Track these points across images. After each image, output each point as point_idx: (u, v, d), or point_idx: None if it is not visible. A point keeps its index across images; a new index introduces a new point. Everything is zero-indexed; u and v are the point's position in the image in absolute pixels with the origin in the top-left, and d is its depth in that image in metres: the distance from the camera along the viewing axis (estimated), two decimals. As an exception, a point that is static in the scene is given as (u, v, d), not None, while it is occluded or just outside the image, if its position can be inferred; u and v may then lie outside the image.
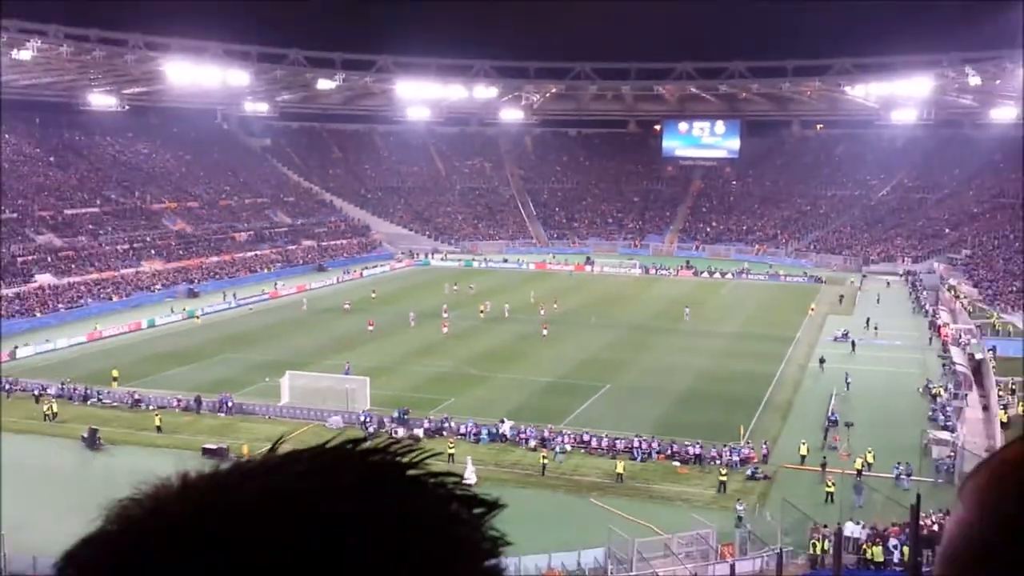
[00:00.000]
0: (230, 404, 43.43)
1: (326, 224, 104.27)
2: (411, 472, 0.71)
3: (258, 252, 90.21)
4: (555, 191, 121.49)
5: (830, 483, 33.95)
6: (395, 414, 41.52)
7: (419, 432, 40.08)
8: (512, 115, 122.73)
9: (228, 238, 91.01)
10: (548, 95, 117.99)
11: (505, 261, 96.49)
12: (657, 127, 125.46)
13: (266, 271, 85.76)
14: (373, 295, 74.08)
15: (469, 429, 40.16)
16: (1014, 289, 73.12)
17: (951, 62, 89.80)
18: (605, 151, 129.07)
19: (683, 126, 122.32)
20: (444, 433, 39.91)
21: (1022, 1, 60.00)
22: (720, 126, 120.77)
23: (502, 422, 40.29)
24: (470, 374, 50.47)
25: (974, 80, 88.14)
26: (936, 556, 0.80)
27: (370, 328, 60.95)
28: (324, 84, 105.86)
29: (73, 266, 73.37)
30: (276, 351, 54.15)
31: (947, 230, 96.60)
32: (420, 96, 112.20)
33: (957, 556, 0.77)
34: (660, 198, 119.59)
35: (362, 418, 41.64)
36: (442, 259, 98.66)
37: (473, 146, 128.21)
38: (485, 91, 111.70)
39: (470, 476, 34.97)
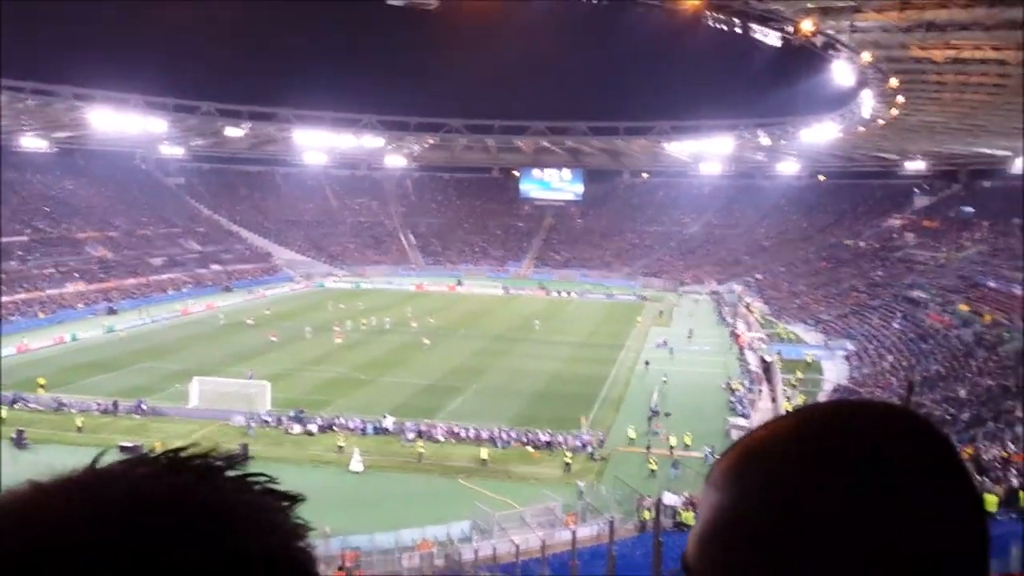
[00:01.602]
0: (144, 407, 41.45)
1: (232, 251, 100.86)
2: (229, 472, 0.70)
3: (171, 275, 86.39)
4: (431, 224, 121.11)
5: (653, 462, 34.89)
6: (291, 413, 40.49)
7: (313, 428, 39.25)
8: (395, 161, 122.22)
9: (144, 263, 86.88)
10: (426, 145, 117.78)
11: (389, 283, 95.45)
12: (516, 173, 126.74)
13: (178, 291, 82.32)
14: (267, 312, 72.04)
15: (356, 425, 39.54)
16: (795, 306, 76.89)
17: (746, 126, 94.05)
18: (473, 192, 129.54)
19: (537, 173, 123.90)
20: (335, 428, 39.14)
21: (802, 78, 63.35)
22: (567, 173, 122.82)
23: (384, 418, 39.83)
24: (358, 378, 49.69)
25: (764, 140, 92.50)
26: (689, 536, 0.77)
27: (273, 339, 59.30)
28: (232, 131, 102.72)
29: (3, 287, 68.73)
30: (186, 361, 51.97)
31: (744, 258, 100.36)
32: (316, 143, 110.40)
33: (708, 535, 0.74)
34: (518, 231, 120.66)
35: (265, 418, 40.56)
36: (335, 281, 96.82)
37: (362, 186, 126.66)
38: (372, 140, 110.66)
39: (357, 465, 34.50)
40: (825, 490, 0.68)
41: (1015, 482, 24.28)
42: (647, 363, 54.28)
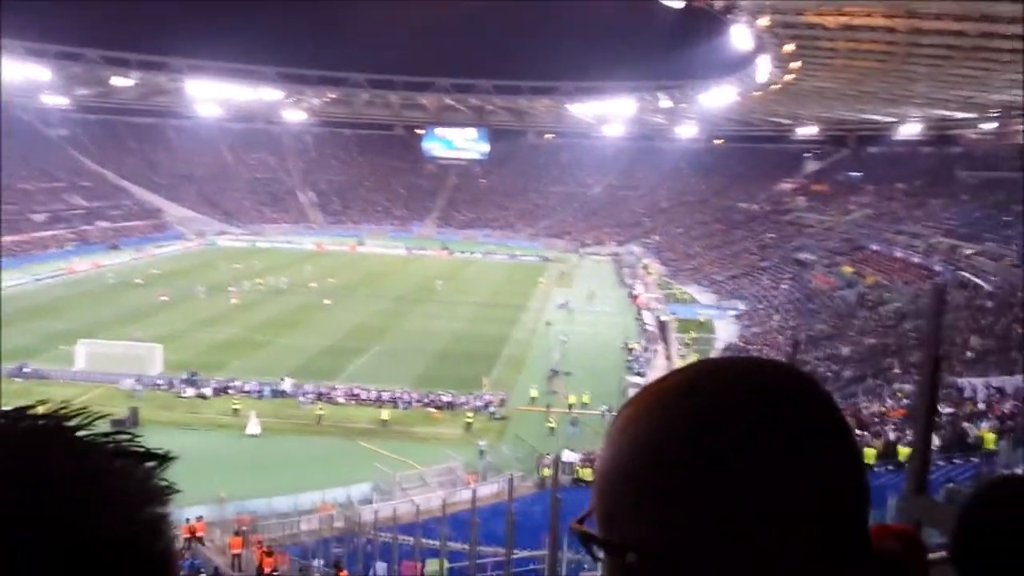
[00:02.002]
0: (27, 370, 39.40)
1: (120, 207, 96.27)
2: (79, 433, 0.64)
3: (54, 232, 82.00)
4: (332, 182, 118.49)
5: (552, 420, 35.40)
6: (184, 376, 39.22)
7: (207, 391, 38.14)
8: (294, 115, 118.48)
9: (24, 219, 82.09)
10: (326, 100, 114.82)
11: (288, 242, 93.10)
12: (419, 131, 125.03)
13: (62, 249, 78.21)
14: (156, 271, 69.30)
15: (253, 387, 38.62)
16: (691, 267, 78.97)
17: (648, 88, 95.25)
18: (376, 149, 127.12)
19: (440, 131, 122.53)
20: (230, 391, 38.13)
21: (702, 42, 64.42)
22: (471, 132, 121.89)
23: (282, 380, 39.05)
24: (254, 340, 48.47)
25: (664, 103, 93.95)
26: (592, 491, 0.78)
27: (163, 299, 57.17)
28: (120, 81, 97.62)
29: None
30: (72, 322, 49.55)
31: (644, 220, 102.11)
32: (210, 95, 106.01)
33: (602, 487, 0.75)
34: (422, 190, 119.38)
35: (157, 381, 39.18)
36: (230, 240, 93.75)
37: (259, 141, 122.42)
38: (270, 93, 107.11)
39: (254, 428, 33.77)
40: (714, 444, 0.69)
41: (892, 436, 25.65)
42: (548, 323, 54.86)
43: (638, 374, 42.70)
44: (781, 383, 0.74)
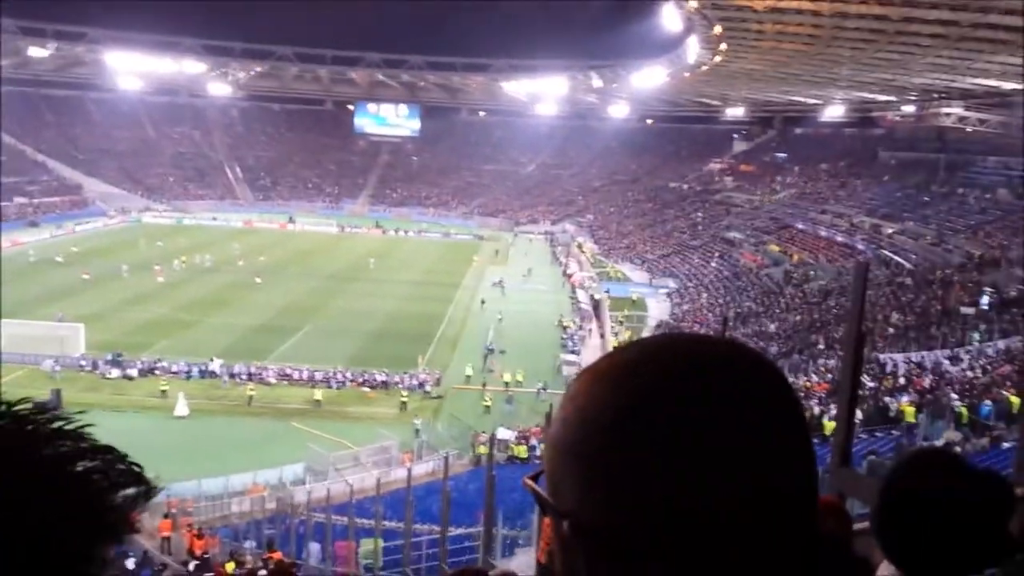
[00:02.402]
0: (-61, 353, 37.78)
1: (38, 183, 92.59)
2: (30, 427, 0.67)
3: (-33, 208, 78.55)
4: (261, 158, 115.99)
5: (487, 398, 35.57)
6: (108, 357, 38.11)
7: (133, 372, 37.17)
8: (220, 89, 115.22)
9: (-66, 194, 78.45)
10: (253, 73, 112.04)
11: (214, 219, 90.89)
12: (350, 106, 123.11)
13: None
14: (77, 249, 67.03)
15: (181, 368, 37.78)
16: (623, 246, 79.90)
17: (580, 68, 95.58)
18: (305, 125, 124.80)
19: (372, 107, 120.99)
20: (157, 372, 37.25)
21: (634, 22, 64.86)
22: (403, 108, 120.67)
23: (211, 360, 38.29)
24: (182, 319, 47.35)
25: (597, 83, 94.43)
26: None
27: (85, 278, 55.37)
28: (36, 52, 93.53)
29: None
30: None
31: (577, 199, 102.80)
32: (131, 67, 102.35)
33: (549, 462, 0.75)
34: (353, 167, 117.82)
35: (80, 362, 38.02)
36: (154, 216, 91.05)
37: (183, 115, 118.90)
38: (194, 66, 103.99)
39: (182, 410, 33.09)
40: (655, 425, 0.68)
41: (817, 410, 26.48)
42: (483, 302, 54.90)
43: (572, 352, 43.13)
44: (731, 363, 0.72)
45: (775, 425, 0.71)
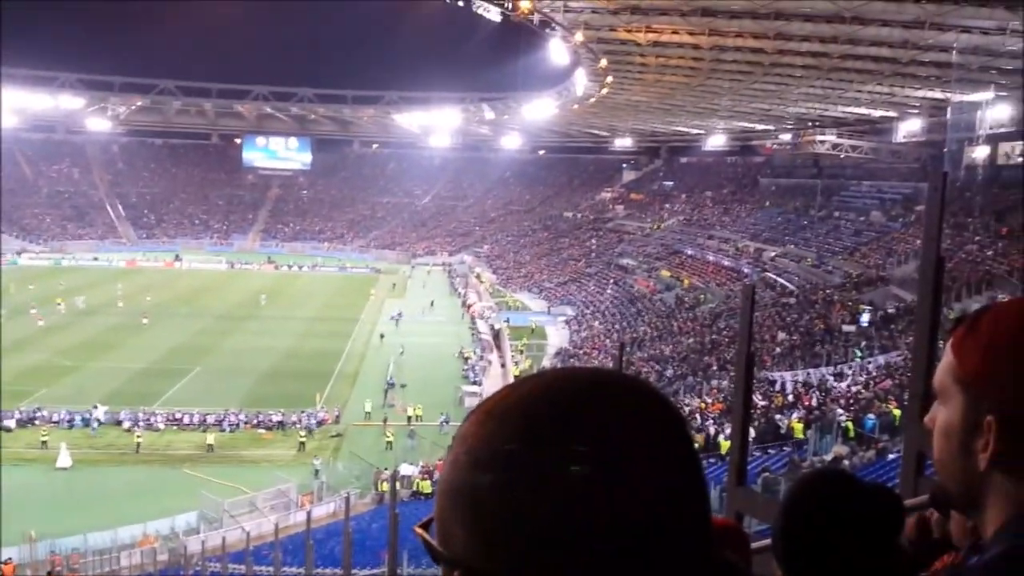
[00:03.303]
0: None
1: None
2: None
3: None
4: (144, 195, 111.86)
5: (389, 434, 35.07)
6: (-18, 409, 35.74)
7: (10, 424, 34.98)
8: (99, 124, 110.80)
9: None
10: (134, 107, 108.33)
11: (96, 259, 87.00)
12: (238, 140, 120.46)
13: None
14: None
15: (63, 416, 35.80)
16: (521, 275, 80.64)
17: (472, 100, 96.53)
18: (191, 160, 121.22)
19: (261, 140, 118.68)
20: (37, 422, 35.19)
21: (524, 55, 65.96)
22: (293, 141, 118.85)
23: (95, 407, 36.43)
24: (63, 365, 44.97)
25: (489, 115, 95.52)
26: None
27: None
28: None
29: None
30: None
31: (474, 230, 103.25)
32: (5, 103, 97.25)
33: (441, 500, 0.73)
34: (243, 202, 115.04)
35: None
36: (31, 258, 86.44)
37: (61, 152, 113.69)
38: (71, 101, 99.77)
39: (64, 460, 31.37)
40: (536, 466, 0.67)
41: (712, 430, 27.21)
42: (382, 336, 54.31)
43: (474, 383, 43.07)
44: (622, 399, 0.71)
45: (665, 461, 0.70)
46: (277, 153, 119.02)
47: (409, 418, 37.17)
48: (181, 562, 22.14)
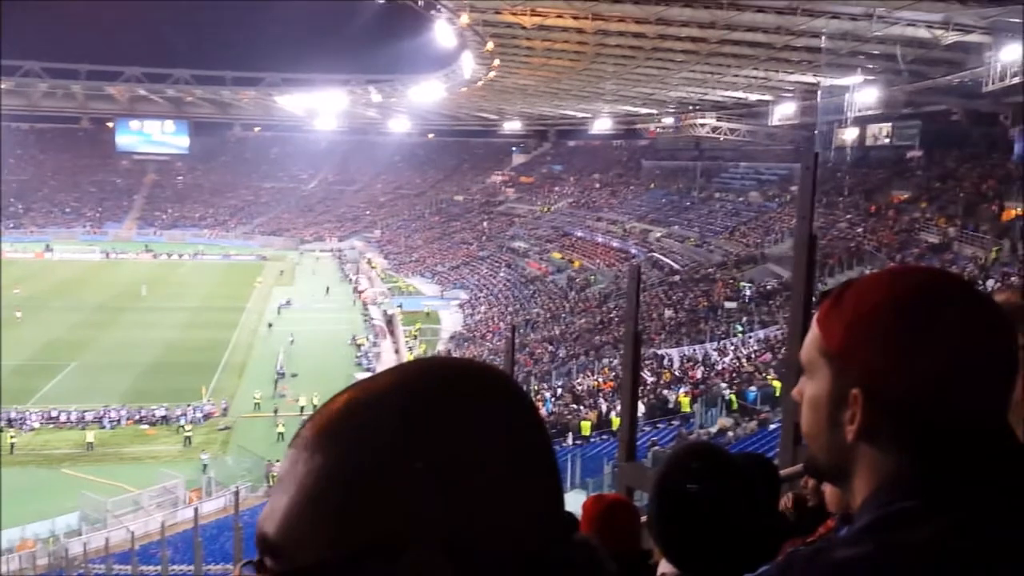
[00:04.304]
0: None
1: None
2: None
3: None
4: (10, 183, 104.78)
5: (281, 425, 34.40)
6: None
7: None
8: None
9: None
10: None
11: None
12: (110, 124, 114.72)
13: None
14: None
15: (-77, 421, 33.58)
16: (413, 260, 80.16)
17: (358, 82, 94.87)
18: (59, 145, 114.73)
19: (135, 124, 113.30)
20: None
21: (410, 37, 65.28)
22: (169, 125, 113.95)
23: (-39, 409, 34.32)
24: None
25: (376, 97, 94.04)
26: (267, 508, 0.70)
27: None
28: None
29: None
30: None
31: (364, 215, 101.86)
32: None
33: (302, 504, 0.66)
34: (117, 188, 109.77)
35: None
36: None
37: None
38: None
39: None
40: (418, 450, 0.65)
41: (604, 407, 27.86)
42: (270, 325, 53.11)
43: (368, 369, 42.70)
44: (482, 384, 0.71)
45: (518, 451, 0.69)
46: (152, 137, 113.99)
47: (302, 408, 36.51)
48: (63, 565, 21.21)
